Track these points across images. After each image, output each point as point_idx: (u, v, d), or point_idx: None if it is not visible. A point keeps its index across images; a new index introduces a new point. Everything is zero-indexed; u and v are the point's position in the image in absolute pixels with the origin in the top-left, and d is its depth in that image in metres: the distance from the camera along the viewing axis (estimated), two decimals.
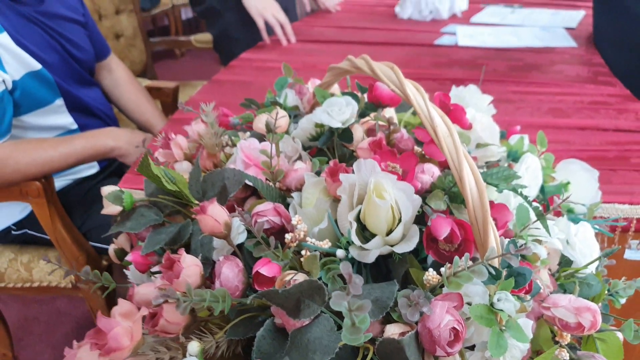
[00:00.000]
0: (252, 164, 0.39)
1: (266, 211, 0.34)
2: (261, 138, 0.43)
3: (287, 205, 0.38)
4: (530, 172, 0.41)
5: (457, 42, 1.32)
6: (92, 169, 1.15)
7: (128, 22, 1.87)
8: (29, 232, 1.12)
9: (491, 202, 0.33)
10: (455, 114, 0.39)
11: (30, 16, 0.99)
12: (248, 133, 0.47)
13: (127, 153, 1.04)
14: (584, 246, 0.38)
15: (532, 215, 0.35)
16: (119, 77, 1.29)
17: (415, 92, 0.33)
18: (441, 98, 0.40)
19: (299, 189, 0.38)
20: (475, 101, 0.48)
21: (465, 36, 1.35)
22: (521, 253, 0.27)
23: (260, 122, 0.41)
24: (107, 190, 0.38)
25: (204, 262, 0.34)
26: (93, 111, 1.15)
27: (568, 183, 0.48)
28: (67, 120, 1.09)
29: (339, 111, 0.39)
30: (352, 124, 0.39)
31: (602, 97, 0.96)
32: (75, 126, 1.11)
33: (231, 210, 0.37)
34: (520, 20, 1.47)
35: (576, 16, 1.44)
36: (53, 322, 1.53)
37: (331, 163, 0.36)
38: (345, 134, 0.39)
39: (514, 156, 0.45)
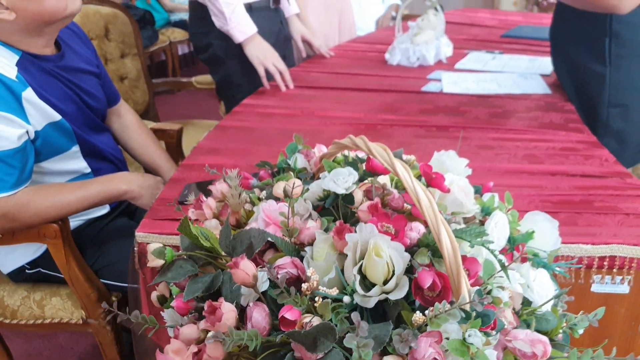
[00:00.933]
0: (271, 222, 0.48)
1: (286, 264, 0.43)
2: (277, 199, 0.52)
3: (300, 257, 0.46)
4: (499, 226, 0.50)
5: (442, 89, 1.43)
6: (103, 209, 1.23)
7: (132, 65, 1.98)
8: (43, 270, 1.19)
9: (464, 257, 0.42)
10: (436, 181, 0.48)
11: (52, 71, 1.09)
12: (264, 192, 0.56)
13: (139, 196, 1.13)
14: (540, 289, 0.47)
15: (497, 266, 0.44)
16: (127, 121, 1.38)
17: (402, 170, 0.42)
18: (425, 168, 0.49)
19: (311, 244, 0.46)
20: (454, 165, 0.57)
21: (450, 83, 1.47)
22: (485, 301, 0.35)
23: (279, 188, 0.50)
24: (152, 247, 0.47)
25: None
26: (105, 155, 1.24)
27: (533, 232, 0.57)
28: (81, 165, 1.17)
29: (343, 180, 0.48)
30: (353, 189, 0.48)
31: (571, 143, 1.07)
32: (88, 170, 1.19)
33: (254, 261, 0.46)
34: (501, 67, 1.60)
35: (550, 64, 1.57)
36: (56, 356, 1.57)
37: (337, 223, 0.45)
38: (348, 197, 0.48)
39: (486, 212, 0.54)
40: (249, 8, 1.53)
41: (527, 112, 1.25)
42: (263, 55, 1.47)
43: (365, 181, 0.52)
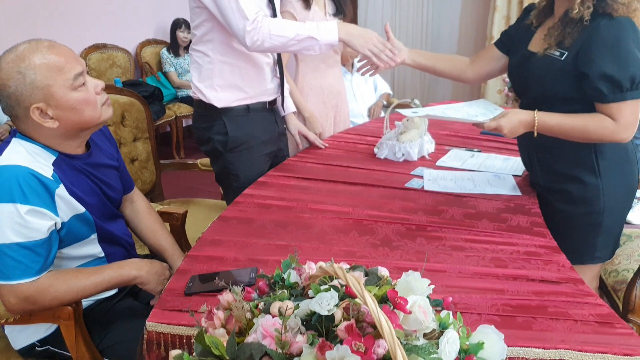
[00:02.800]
0: (268, 335, 0.60)
1: None
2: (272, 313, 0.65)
3: None
4: (450, 342, 0.63)
5: (423, 186, 1.60)
6: (112, 290, 1.34)
7: (143, 147, 2.16)
8: (51, 348, 1.28)
9: None
10: (400, 305, 0.61)
11: (81, 168, 1.24)
12: (262, 303, 0.69)
13: (147, 281, 1.25)
14: None
15: None
16: (139, 207, 1.53)
17: (370, 301, 0.55)
18: (391, 294, 0.63)
19: (299, 355, 0.59)
20: (418, 285, 0.71)
21: (431, 180, 1.63)
22: None
23: (275, 308, 0.63)
24: (173, 353, 0.59)
25: None
26: (118, 241, 1.37)
27: (483, 343, 0.69)
28: (96, 250, 1.30)
29: (326, 303, 0.61)
30: (334, 310, 0.61)
31: (534, 247, 1.21)
32: (102, 254, 1.32)
33: None
34: (477, 165, 1.77)
35: (521, 164, 1.74)
36: None
37: (320, 340, 0.57)
38: (330, 317, 0.62)
39: (443, 327, 0.67)
40: (247, 109, 1.72)
41: (498, 213, 1.40)
42: (363, 40, 1.55)
43: (346, 300, 0.66)
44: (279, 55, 1.80)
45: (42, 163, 1.14)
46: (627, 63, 1.19)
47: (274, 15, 1.70)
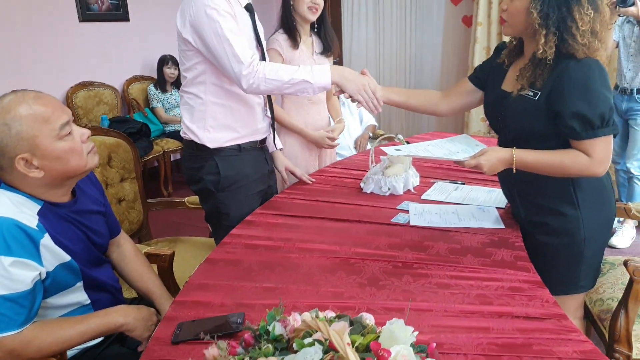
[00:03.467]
0: None
1: None
2: None
3: None
4: None
5: (409, 221, 1.62)
6: (97, 338, 1.32)
7: (130, 188, 2.16)
8: None
9: None
10: (382, 358, 0.62)
11: (67, 216, 1.24)
12: (248, 358, 0.69)
13: (135, 328, 1.24)
14: None
15: None
16: (125, 251, 1.52)
17: (352, 357, 0.56)
18: (374, 346, 0.64)
19: None
20: (401, 333, 0.72)
21: (416, 215, 1.65)
22: None
23: None
24: None
25: None
26: (104, 287, 1.36)
27: None
28: (82, 297, 1.29)
29: (310, 358, 0.61)
30: None
31: (518, 282, 1.23)
32: (88, 302, 1.31)
33: None
34: (462, 198, 1.80)
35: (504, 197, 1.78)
36: None
37: None
38: None
39: None
40: (239, 149, 1.74)
41: (482, 247, 1.42)
42: (356, 86, 1.58)
43: (330, 353, 0.66)
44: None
45: (27, 213, 1.14)
46: (597, 102, 1.24)
47: (263, 56, 1.75)
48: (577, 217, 1.38)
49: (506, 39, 1.57)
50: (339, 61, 5.38)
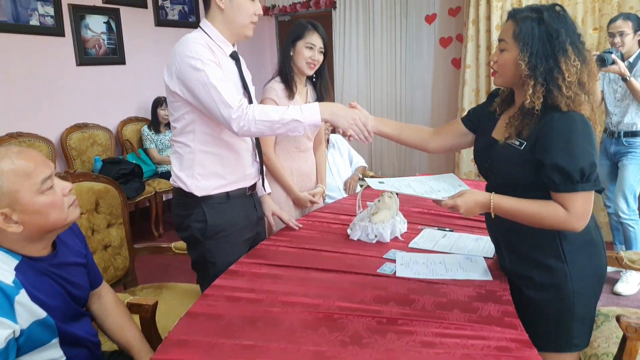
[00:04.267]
0: None
1: None
2: None
3: None
4: None
5: (395, 271, 1.60)
6: None
7: (117, 233, 2.14)
8: None
9: None
10: None
11: (45, 270, 1.22)
12: None
13: None
14: None
15: None
16: (106, 302, 1.49)
17: None
18: None
19: None
20: None
21: (403, 265, 1.63)
22: None
23: None
24: None
25: None
26: (81, 342, 1.32)
27: None
28: (58, 354, 1.25)
29: None
30: None
31: (505, 341, 1.20)
32: (64, 358, 1.27)
33: None
34: (450, 247, 1.78)
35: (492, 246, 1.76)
36: None
37: None
38: None
39: None
40: (227, 196, 1.73)
41: (469, 301, 1.39)
42: (347, 121, 1.59)
43: None
44: (257, 139, 1.84)
45: (3, 269, 1.12)
46: (578, 156, 1.24)
47: (250, 102, 1.76)
48: (564, 270, 1.36)
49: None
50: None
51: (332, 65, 5.37)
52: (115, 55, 4.02)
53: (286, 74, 2.12)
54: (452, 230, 1.96)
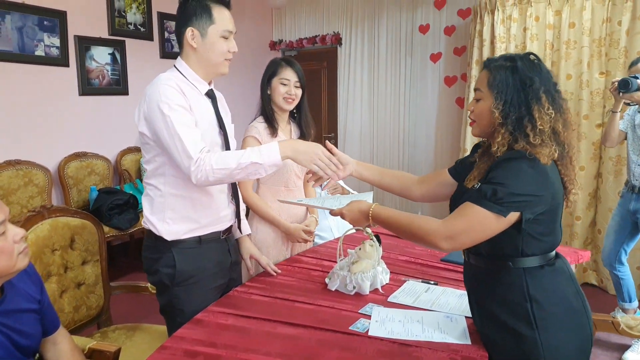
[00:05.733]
0: None
1: None
2: None
3: None
4: None
5: (368, 329, 1.50)
6: None
7: (92, 271, 2.08)
8: None
9: None
10: None
11: None
12: None
13: None
14: None
15: None
16: (61, 350, 1.42)
17: None
18: None
19: None
20: None
21: (377, 323, 1.53)
22: None
23: None
24: None
25: None
26: None
27: None
28: None
29: None
30: None
31: None
32: None
33: None
34: (431, 303, 1.68)
35: None
36: None
37: None
38: None
39: None
40: (199, 241, 1.66)
41: None
42: (309, 156, 1.53)
43: None
44: None
45: None
46: (500, 179, 1.20)
47: (226, 141, 1.70)
48: (535, 339, 1.23)
49: None
50: (334, 136, 5.44)
51: (336, 101, 5.37)
52: (118, 85, 4.06)
53: (266, 113, 2.10)
54: (436, 284, 1.86)
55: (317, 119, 5.59)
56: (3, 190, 3.34)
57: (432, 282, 1.87)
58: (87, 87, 3.85)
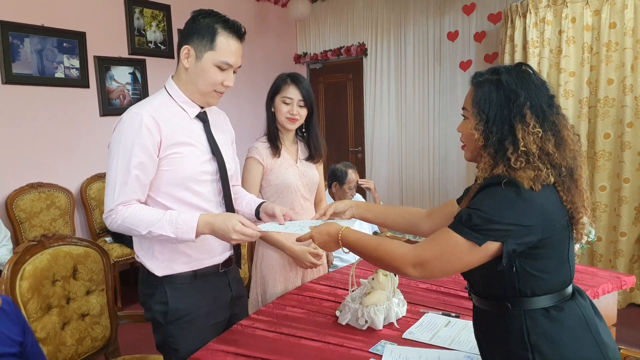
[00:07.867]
0: None
1: None
2: None
3: None
4: None
5: None
6: None
7: (97, 301, 2.00)
8: None
9: None
10: None
11: None
12: None
13: None
14: None
15: None
16: None
17: None
18: None
19: None
20: None
21: None
22: None
23: None
24: None
25: None
26: None
27: None
28: None
29: None
30: None
31: None
32: None
33: None
34: (450, 340, 1.51)
35: None
36: None
37: None
38: None
39: None
40: (194, 276, 1.54)
41: None
42: (229, 236, 1.38)
43: None
44: (230, 203, 1.64)
45: None
46: (477, 204, 1.05)
47: (223, 166, 1.56)
48: None
49: None
50: (360, 150, 5.29)
51: (362, 114, 5.23)
52: None
53: (270, 133, 1.99)
54: (458, 316, 1.68)
55: (343, 133, 5.46)
56: (26, 213, 3.36)
57: (454, 315, 1.69)
58: (108, 107, 3.87)
